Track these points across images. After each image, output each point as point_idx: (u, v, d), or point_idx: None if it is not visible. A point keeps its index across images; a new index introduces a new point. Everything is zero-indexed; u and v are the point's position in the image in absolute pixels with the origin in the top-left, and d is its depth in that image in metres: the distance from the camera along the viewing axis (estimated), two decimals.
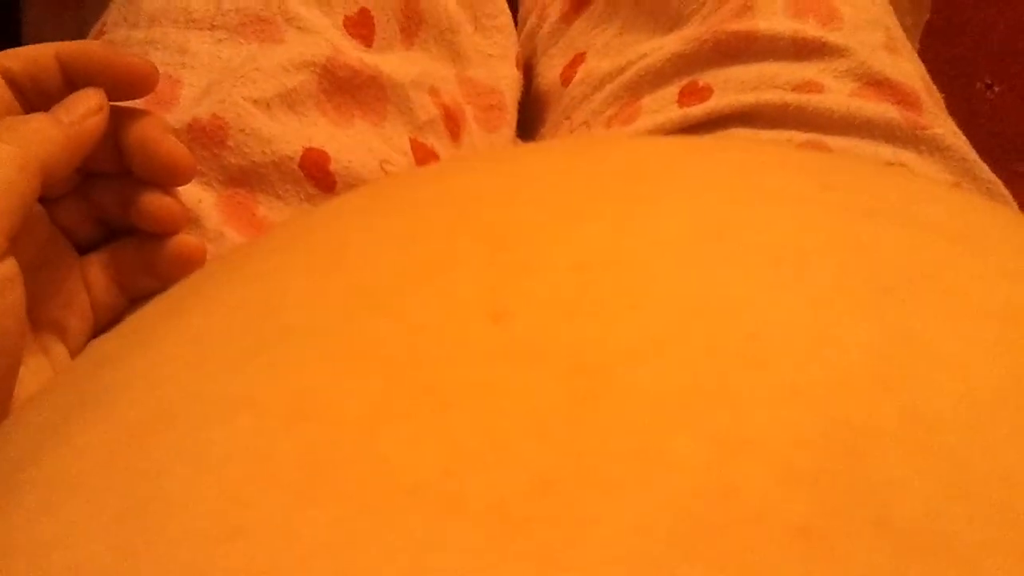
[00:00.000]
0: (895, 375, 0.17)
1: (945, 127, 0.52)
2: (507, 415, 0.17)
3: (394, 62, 0.51)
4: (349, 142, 0.47)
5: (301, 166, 0.45)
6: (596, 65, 0.58)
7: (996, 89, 1.11)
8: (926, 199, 0.23)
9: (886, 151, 0.50)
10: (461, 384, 0.18)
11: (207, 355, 0.20)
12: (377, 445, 0.17)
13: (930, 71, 0.56)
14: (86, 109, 0.36)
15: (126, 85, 0.38)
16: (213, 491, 0.17)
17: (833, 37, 0.52)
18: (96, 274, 0.41)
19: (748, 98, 0.51)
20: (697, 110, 0.52)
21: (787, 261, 0.20)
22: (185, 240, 0.40)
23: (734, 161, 0.25)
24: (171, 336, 0.22)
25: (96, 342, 0.27)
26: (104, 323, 0.41)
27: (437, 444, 0.17)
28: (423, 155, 0.51)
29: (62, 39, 0.39)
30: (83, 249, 0.41)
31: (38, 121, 0.35)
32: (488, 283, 0.20)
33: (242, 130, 0.45)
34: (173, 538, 0.16)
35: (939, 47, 1.07)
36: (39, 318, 0.38)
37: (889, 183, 0.25)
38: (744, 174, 0.24)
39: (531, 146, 0.59)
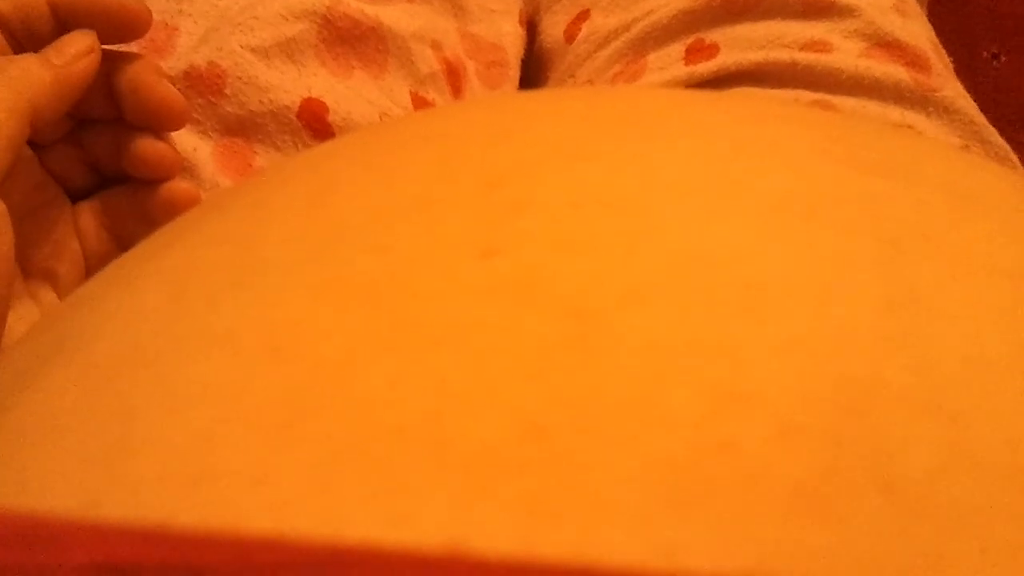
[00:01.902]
0: (902, 332, 0.16)
1: (954, 90, 0.51)
2: (497, 356, 0.16)
3: (395, 14, 0.50)
4: (348, 93, 0.47)
5: (299, 116, 0.45)
6: (601, 22, 0.57)
7: (1002, 59, 1.11)
8: (934, 159, 0.23)
9: (894, 112, 0.49)
10: (448, 321, 0.17)
11: (183, 291, 0.20)
12: (358, 384, 0.16)
13: None
14: (77, 51, 0.35)
15: (118, 27, 0.37)
16: (183, 433, 0.16)
17: None
18: (88, 221, 0.40)
19: (755, 56, 0.50)
20: (703, 68, 0.51)
21: (791, 212, 0.19)
22: (178, 186, 0.39)
23: (739, 111, 0.24)
24: (148, 274, 0.21)
25: (80, 286, 0.27)
26: (95, 271, 0.40)
27: (422, 384, 0.16)
28: (423, 109, 0.50)
29: None
30: (76, 197, 0.41)
31: (27, 62, 0.34)
32: (479, 219, 0.19)
33: (240, 78, 0.44)
34: (139, 483, 0.15)
35: (945, 15, 1.06)
36: (29, 264, 0.38)
37: (896, 142, 0.24)
38: (749, 124, 0.23)
39: (528, 91, 0.58)
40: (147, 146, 0.39)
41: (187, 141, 0.43)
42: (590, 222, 0.18)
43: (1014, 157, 0.52)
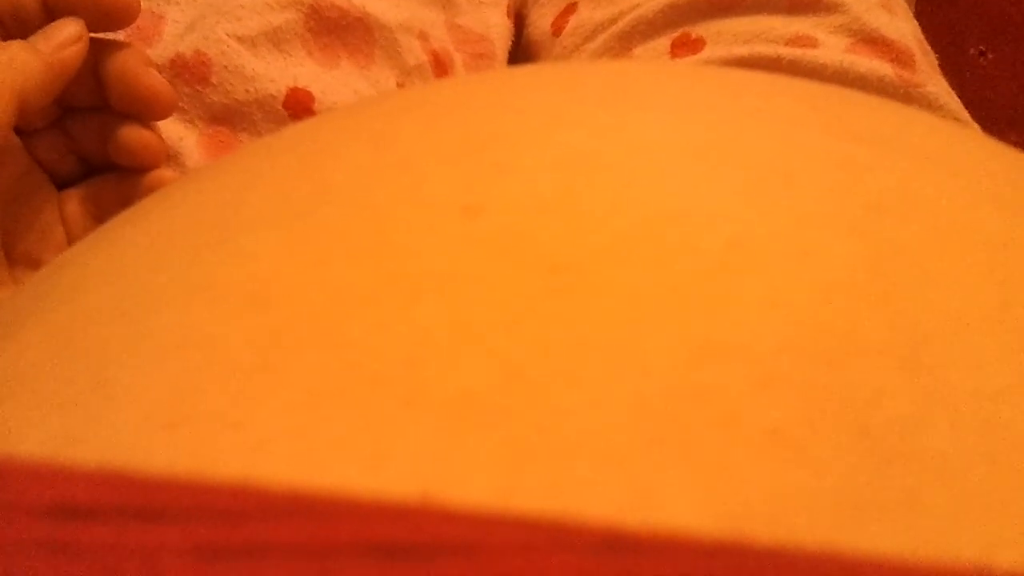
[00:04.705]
0: (882, 289, 0.17)
1: (939, 86, 0.52)
2: (476, 306, 0.16)
3: (382, 5, 0.50)
4: (335, 83, 0.47)
5: (285, 105, 0.45)
6: (588, 15, 0.58)
7: (989, 56, 1.11)
8: (921, 130, 0.23)
9: None
10: (429, 274, 0.17)
11: (165, 249, 0.20)
12: (337, 333, 0.16)
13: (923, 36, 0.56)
14: (64, 38, 0.35)
15: (106, 16, 0.37)
16: (161, 379, 0.16)
17: None
18: (73, 209, 0.40)
19: (741, 51, 0.50)
20: (689, 62, 0.51)
21: (773, 175, 0.19)
22: (163, 175, 0.40)
23: (724, 81, 0.25)
24: (131, 236, 0.21)
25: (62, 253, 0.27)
26: None
27: (401, 333, 0.16)
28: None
29: None
30: (62, 184, 0.41)
31: (15, 48, 0.34)
32: (461, 179, 0.19)
33: (226, 67, 0.44)
34: (116, 426, 0.16)
35: (933, 12, 1.07)
36: (14, 251, 0.38)
37: (882, 113, 0.24)
38: (734, 93, 0.23)
39: (515, 66, 0.58)
40: (133, 134, 0.39)
41: (173, 130, 0.43)
42: (573, 182, 0.19)
43: None
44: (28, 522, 0.11)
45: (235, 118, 0.44)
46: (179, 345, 0.17)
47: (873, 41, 0.51)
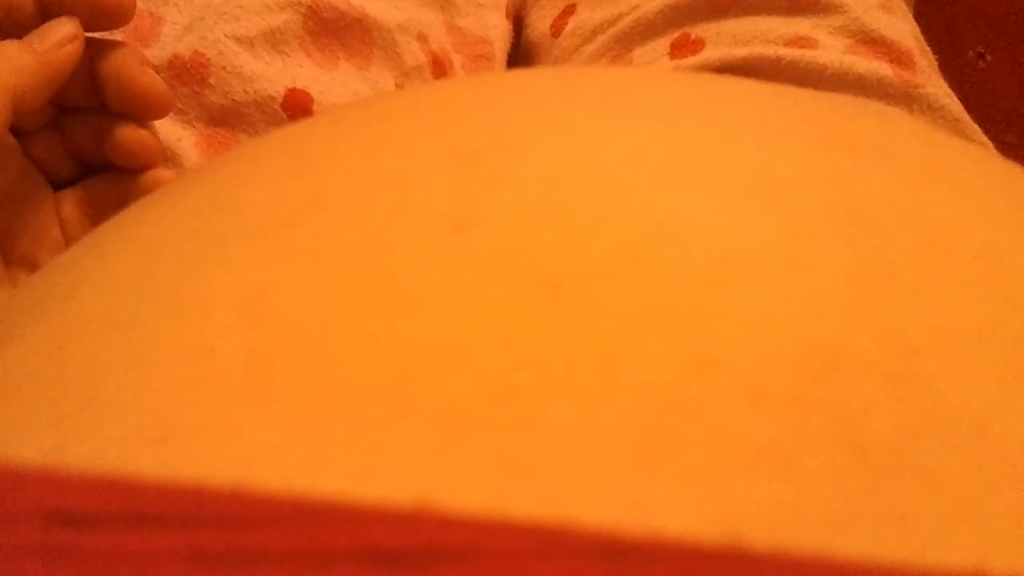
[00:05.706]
0: (871, 303, 0.17)
1: (938, 87, 0.51)
2: (467, 321, 0.16)
3: (381, 6, 0.50)
4: (333, 84, 0.47)
5: (284, 106, 0.45)
6: (587, 16, 0.58)
7: (988, 58, 1.11)
8: (910, 139, 0.23)
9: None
10: (420, 289, 0.17)
11: (156, 256, 0.20)
12: (328, 347, 0.16)
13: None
14: (60, 37, 0.35)
15: (102, 15, 0.37)
16: (151, 391, 0.16)
17: None
18: (70, 209, 0.40)
19: (740, 52, 0.50)
20: (688, 63, 0.51)
21: (763, 188, 0.19)
22: (160, 175, 0.39)
23: (716, 90, 0.25)
24: (122, 241, 0.21)
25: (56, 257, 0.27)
26: None
27: (392, 348, 0.16)
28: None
29: None
30: (58, 185, 0.40)
31: (9, 48, 0.34)
32: (453, 192, 0.19)
33: (224, 68, 0.44)
34: (107, 440, 0.16)
35: (932, 14, 1.07)
36: (10, 252, 0.38)
37: (872, 120, 0.24)
38: (726, 103, 0.23)
39: (508, 71, 0.58)
40: (129, 134, 0.38)
41: (171, 131, 0.43)
42: (564, 196, 0.19)
43: (997, 154, 0.52)
44: (26, 528, 0.11)
45: (233, 119, 0.44)
46: (170, 357, 0.17)
47: (872, 41, 0.51)
